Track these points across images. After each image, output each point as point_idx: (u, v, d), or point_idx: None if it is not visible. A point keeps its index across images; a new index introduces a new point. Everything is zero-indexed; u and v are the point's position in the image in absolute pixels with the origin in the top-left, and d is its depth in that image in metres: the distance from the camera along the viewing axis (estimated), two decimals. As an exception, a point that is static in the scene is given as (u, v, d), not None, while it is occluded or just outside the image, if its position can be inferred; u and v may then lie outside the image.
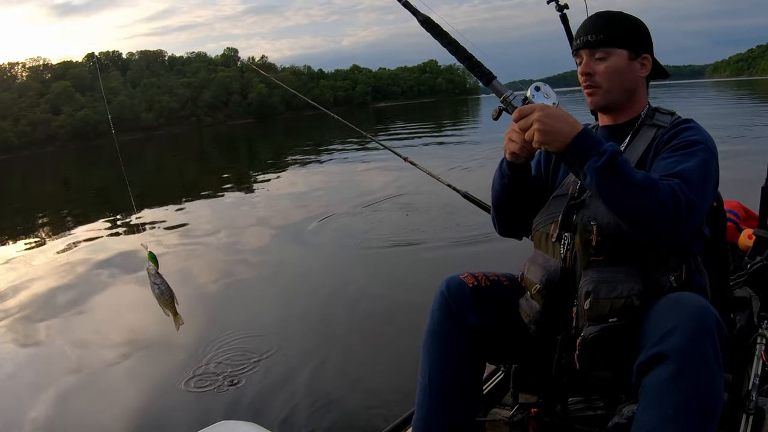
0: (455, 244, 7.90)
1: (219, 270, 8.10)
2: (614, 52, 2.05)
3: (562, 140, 1.77)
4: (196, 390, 4.39)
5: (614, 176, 1.72)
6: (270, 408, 4.07)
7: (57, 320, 6.51)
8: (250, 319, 5.85)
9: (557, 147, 1.78)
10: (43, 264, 9.56)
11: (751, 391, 2.17)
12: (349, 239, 9.06)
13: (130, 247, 9.98)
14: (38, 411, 4.38)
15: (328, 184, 16.03)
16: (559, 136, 1.77)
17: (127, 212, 13.74)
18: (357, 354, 4.80)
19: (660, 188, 1.70)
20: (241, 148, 34.95)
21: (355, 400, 4.11)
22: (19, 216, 16.68)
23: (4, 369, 5.31)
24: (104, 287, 7.70)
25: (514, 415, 2.30)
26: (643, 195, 1.70)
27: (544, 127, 1.76)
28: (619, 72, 2.05)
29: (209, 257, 9.05)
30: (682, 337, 1.62)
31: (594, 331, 1.82)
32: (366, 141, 30.28)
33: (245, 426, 2.26)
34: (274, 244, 9.45)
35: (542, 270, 2.01)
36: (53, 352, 5.64)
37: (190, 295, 6.76)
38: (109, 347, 5.52)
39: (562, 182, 2.19)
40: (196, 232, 10.89)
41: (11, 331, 6.30)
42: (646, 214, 1.72)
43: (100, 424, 4.20)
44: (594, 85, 2.09)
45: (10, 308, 7.00)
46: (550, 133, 1.77)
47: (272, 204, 13.61)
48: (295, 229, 10.07)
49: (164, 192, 19.06)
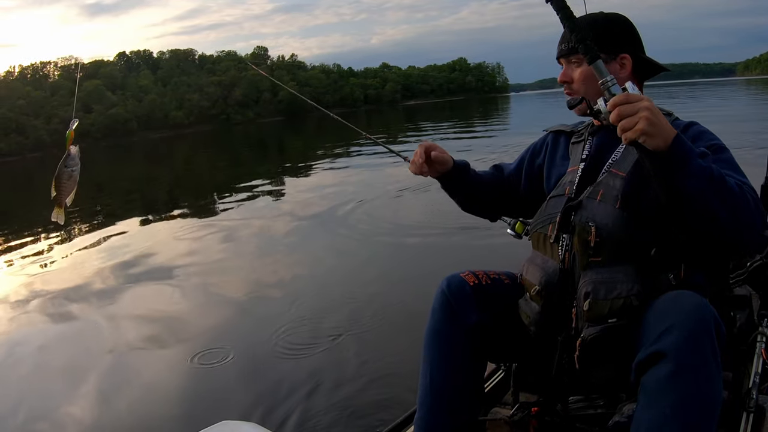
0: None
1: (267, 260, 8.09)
2: (584, 58, 1.89)
3: (665, 137, 1.62)
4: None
5: (715, 178, 1.63)
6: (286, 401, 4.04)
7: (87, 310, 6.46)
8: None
9: (658, 142, 1.62)
10: (70, 258, 9.50)
11: (751, 389, 2.16)
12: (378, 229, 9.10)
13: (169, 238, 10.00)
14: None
15: (356, 178, 15.75)
16: (663, 132, 1.62)
17: (163, 207, 13.69)
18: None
19: (742, 189, 1.67)
20: (271, 145, 35.22)
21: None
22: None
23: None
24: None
25: (514, 414, 2.32)
26: (738, 197, 1.65)
27: (654, 117, 1.61)
28: (592, 76, 1.85)
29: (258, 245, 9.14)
30: (680, 335, 1.60)
31: (594, 332, 1.80)
32: (395, 137, 30.41)
33: (246, 426, 2.26)
34: (317, 234, 9.42)
35: (541, 271, 2.01)
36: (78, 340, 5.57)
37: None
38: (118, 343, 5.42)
39: (558, 183, 2.15)
40: (233, 225, 10.89)
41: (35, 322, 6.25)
42: (743, 216, 1.66)
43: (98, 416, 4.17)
44: (572, 92, 2.08)
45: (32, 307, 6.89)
46: (657, 125, 1.61)
47: (312, 196, 13.48)
48: (332, 216, 10.27)
49: (197, 187, 19.26)
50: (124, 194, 19.14)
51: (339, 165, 18.67)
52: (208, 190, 17.95)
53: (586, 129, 2.19)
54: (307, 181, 16.89)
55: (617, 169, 1.95)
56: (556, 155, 2.25)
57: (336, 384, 4.16)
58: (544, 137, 2.37)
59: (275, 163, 23.93)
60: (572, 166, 2.11)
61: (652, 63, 2.10)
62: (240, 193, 15.29)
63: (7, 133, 76.56)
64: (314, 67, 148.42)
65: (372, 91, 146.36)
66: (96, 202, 16.64)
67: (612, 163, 1.99)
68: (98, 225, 12.83)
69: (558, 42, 2.10)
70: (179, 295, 6.72)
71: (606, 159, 2.02)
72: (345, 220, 9.98)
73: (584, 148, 2.12)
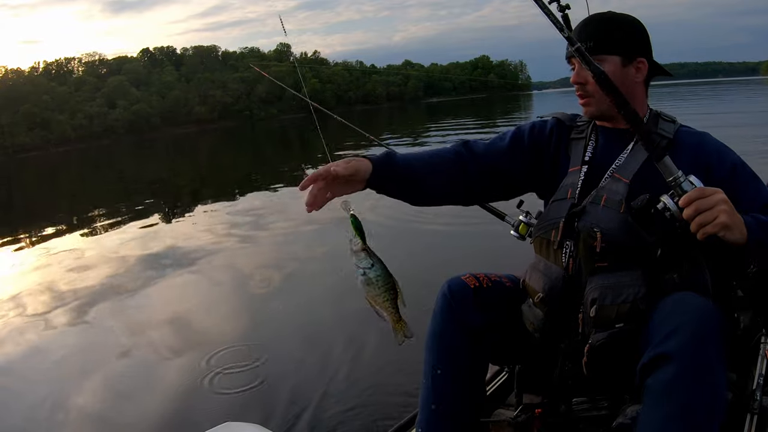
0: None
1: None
2: (606, 59, 1.95)
3: (741, 228, 1.65)
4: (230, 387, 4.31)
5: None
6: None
7: (107, 308, 6.50)
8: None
9: (737, 236, 1.64)
10: (97, 252, 9.60)
11: (755, 390, 2.16)
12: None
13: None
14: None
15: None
16: (740, 224, 1.65)
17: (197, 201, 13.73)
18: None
19: None
20: (294, 141, 35.38)
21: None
22: (78, 205, 16.96)
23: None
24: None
25: (518, 416, 2.33)
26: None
27: (731, 210, 1.63)
28: (612, 79, 1.87)
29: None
30: (685, 337, 1.61)
31: (602, 337, 1.81)
32: (419, 135, 30.42)
33: (250, 428, 2.26)
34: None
35: (544, 278, 2.00)
36: (94, 342, 5.60)
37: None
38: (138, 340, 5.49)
39: (560, 186, 2.09)
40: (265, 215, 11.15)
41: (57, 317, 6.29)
42: None
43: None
44: (587, 94, 2.02)
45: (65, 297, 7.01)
46: (735, 217, 1.64)
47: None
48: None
49: (221, 182, 19.49)
50: (147, 189, 19.26)
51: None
52: (230, 185, 18.09)
53: (586, 126, 2.14)
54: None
55: (620, 174, 1.93)
56: (561, 147, 2.16)
57: (339, 386, 4.18)
58: (545, 122, 2.23)
59: (297, 160, 23.96)
60: (573, 167, 2.07)
61: (659, 67, 2.07)
62: (262, 189, 15.33)
63: (32, 127, 77.29)
64: (337, 64, 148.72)
65: (395, 88, 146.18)
66: (120, 198, 16.80)
67: (615, 168, 1.96)
68: (122, 220, 12.91)
69: (567, 44, 1.98)
70: (194, 294, 6.80)
71: (609, 162, 1.99)
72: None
73: (586, 148, 2.07)
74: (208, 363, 4.73)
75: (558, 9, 3.05)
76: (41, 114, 78.89)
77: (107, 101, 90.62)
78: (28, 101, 79.44)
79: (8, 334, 5.99)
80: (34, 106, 78.77)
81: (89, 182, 27.76)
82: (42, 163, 49.77)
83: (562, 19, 3.06)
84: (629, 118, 1.73)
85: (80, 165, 35.09)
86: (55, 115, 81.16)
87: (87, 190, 23.84)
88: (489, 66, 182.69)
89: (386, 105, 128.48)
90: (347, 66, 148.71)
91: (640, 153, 1.93)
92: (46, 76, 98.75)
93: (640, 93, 2.02)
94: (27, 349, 5.62)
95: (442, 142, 25.54)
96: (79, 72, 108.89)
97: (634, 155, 1.96)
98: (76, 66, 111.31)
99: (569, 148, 2.13)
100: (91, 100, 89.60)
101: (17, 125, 75.91)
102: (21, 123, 76.58)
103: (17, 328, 6.18)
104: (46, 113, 79.77)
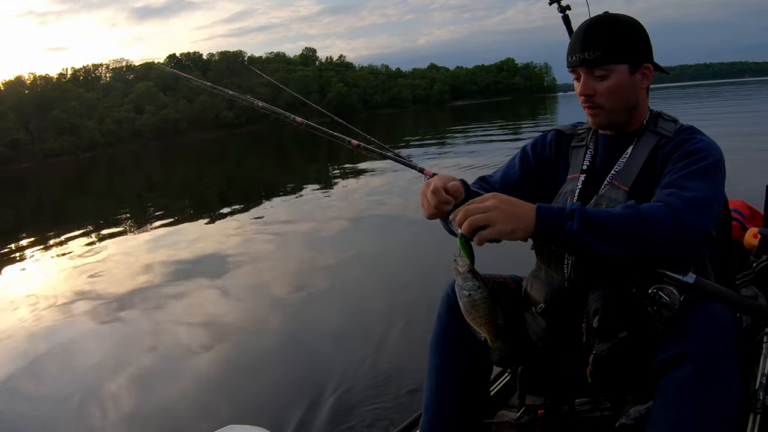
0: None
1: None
2: (615, 69, 1.90)
3: (526, 227, 1.65)
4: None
5: (597, 226, 1.64)
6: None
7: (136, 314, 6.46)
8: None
9: (523, 233, 1.66)
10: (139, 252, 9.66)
11: (758, 390, 2.14)
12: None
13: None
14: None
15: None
16: (522, 222, 1.65)
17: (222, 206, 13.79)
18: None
19: (649, 211, 1.65)
20: (322, 145, 35.58)
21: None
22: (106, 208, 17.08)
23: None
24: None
25: (521, 417, 2.32)
26: (639, 227, 1.64)
27: (506, 213, 1.65)
28: (621, 90, 1.91)
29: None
30: (701, 339, 1.61)
31: (606, 347, 1.77)
32: (444, 138, 30.34)
33: (253, 430, 2.26)
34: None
35: (546, 287, 1.99)
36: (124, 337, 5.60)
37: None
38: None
39: (559, 193, 2.08)
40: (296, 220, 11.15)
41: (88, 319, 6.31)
42: (655, 241, 1.65)
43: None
44: (596, 105, 1.95)
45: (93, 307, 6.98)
46: (512, 218, 1.65)
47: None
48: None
49: (247, 186, 19.55)
50: (175, 192, 19.41)
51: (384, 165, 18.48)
52: (256, 189, 18.14)
53: (587, 134, 2.12)
54: (353, 182, 16.87)
55: (619, 181, 1.91)
56: (560, 156, 2.16)
57: (343, 388, 4.14)
58: (545, 135, 2.23)
59: (321, 163, 24.05)
60: (573, 173, 2.06)
61: (658, 67, 2.03)
62: (289, 194, 15.39)
63: (61, 133, 78.28)
64: (362, 67, 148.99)
65: (420, 91, 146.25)
66: (148, 201, 16.95)
67: (614, 174, 1.94)
68: (149, 223, 13.03)
69: (569, 50, 1.98)
70: (219, 296, 6.77)
71: (608, 169, 1.97)
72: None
73: (585, 155, 2.06)
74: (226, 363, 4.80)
75: (559, 10, 3.08)
76: (70, 120, 79.85)
77: (135, 106, 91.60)
78: (57, 107, 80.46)
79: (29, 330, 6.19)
80: (63, 111, 79.77)
81: (117, 186, 28.04)
82: (71, 167, 50.49)
83: (563, 20, 3.07)
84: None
85: (109, 169, 35.53)
86: (84, 120, 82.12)
87: (115, 193, 24.15)
88: (514, 68, 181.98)
89: (412, 108, 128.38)
90: (373, 69, 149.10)
91: (641, 152, 1.93)
92: (74, 82, 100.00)
93: (644, 97, 1.99)
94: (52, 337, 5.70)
95: (468, 142, 25.62)
96: (107, 78, 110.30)
97: (633, 159, 1.95)
98: (103, 72, 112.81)
99: (569, 155, 2.12)
100: (119, 105, 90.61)
101: (47, 131, 76.93)
102: (50, 129, 77.61)
103: (36, 322, 6.40)
104: (75, 119, 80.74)
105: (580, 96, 1.96)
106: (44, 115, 77.80)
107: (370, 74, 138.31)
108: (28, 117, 76.49)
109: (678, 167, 1.81)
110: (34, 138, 75.08)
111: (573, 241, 1.64)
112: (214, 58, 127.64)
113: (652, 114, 2.02)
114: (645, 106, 2.01)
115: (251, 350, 5.07)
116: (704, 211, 1.70)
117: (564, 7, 3.07)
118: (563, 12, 3.08)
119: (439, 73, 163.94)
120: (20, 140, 72.89)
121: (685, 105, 36.38)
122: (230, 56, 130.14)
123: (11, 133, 72.40)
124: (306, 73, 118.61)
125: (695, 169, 1.78)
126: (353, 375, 4.31)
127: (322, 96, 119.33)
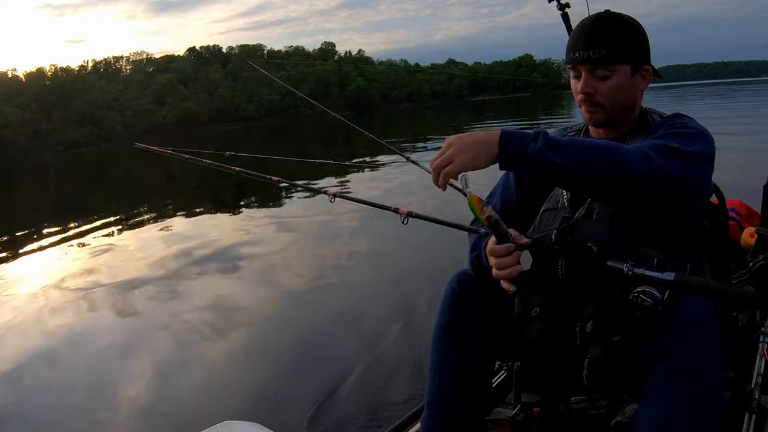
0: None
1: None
2: (618, 69, 1.90)
3: (488, 149, 1.64)
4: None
5: (562, 145, 1.63)
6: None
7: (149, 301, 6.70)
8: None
9: (486, 157, 1.65)
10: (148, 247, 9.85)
11: (753, 389, 2.15)
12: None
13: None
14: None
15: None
16: (483, 146, 1.64)
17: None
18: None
19: (621, 147, 1.67)
20: (339, 137, 35.56)
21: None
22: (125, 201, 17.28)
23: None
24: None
25: (516, 415, 2.31)
26: (602, 149, 1.64)
27: (462, 145, 1.65)
28: (622, 90, 1.92)
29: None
30: (684, 334, 1.61)
31: (600, 351, 1.77)
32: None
33: (249, 426, 2.25)
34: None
35: (540, 291, 1.93)
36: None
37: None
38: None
39: (551, 195, 2.08)
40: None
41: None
42: (620, 163, 1.63)
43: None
44: (595, 104, 1.95)
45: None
46: (471, 146, 1.65)
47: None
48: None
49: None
50: (193, 185, 19.60)
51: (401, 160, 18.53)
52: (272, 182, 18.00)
53: (577, 135, 2.13)
54: (372, 174, 16.97)
55: None
56: None
57: (343, 382, 4.19)
58: None
59: (343, 157, 24.10)
60: None
61: (655, 72, 2.02)
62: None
63: (83, 124, 78.52)
64: (381, 62, 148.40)
65: (439, 86, 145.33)
66: (166, 194, 17.06)
67: None
68: (166, 215, 13.25)
69: (571, 46, 1.96)
70: (233, 288, 6.97)
71: None
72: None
73: None
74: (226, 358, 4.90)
75: (558, 8, 3.13)
76: (91, 111, 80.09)
77: (156, 98, 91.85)
78: (78, 99, 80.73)
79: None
80: (84, 103, 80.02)
81: (137, 177, 28.14)
82: (93, 158, 50.68)
83: (562, 17, 3.14)
84: None
85: (130, 160, 35.56)
86: (105, 112, 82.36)
87: (135, 185, 24.29)
88: (532, 64, 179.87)
89: (431, 103, 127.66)
90: (392, 64, 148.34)
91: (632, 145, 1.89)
92: (95, 74, 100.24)
93: (640, 99, 2.03)
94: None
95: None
96: (127, 70, 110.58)
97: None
98: (123, 64, 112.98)
99: None
100: (140, 97, 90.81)
101: (68, 122, 77.16)
102: (72, 120, 77.82)
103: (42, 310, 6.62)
104: (96, 110, 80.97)
105: (578, 94, 1.96)
106: (66, 107, 78.08)
107: (389, 68, 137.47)
108: (50, 108, 76.79)
109: (658, 134, 1.84)
110: (57, 129, 75.35)
111: (537, 161, 1.61)
112: (234, 52, 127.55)
113: (642, 112, 2.05)
114: (639, 108, 2.04)
115: (255, 342, 5.20)
116: (674, 158, 1.68)
117: (563, 4, 3.11)
118: (562, 9, 3.11)
119: (457, 69, 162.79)
120: (42, 131, 73.15)
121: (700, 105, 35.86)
122: (250, 50, 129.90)
123: (34, 123, 72.67)
124: (325, 67, 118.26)
125: (673, 132, 1.80)
126: (353, 366, 4.38)
127: (342, 90, 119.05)
